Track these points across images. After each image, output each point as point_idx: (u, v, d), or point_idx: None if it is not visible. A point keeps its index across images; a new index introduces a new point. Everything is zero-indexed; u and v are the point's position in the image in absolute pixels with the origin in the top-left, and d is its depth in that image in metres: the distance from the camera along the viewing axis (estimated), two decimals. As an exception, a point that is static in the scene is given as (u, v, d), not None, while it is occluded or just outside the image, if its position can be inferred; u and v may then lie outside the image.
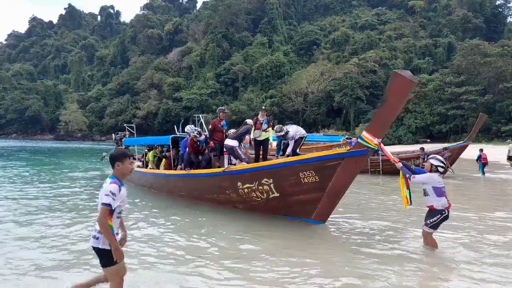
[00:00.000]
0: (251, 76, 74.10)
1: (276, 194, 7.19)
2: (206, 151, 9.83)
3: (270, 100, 64.17)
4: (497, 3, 74.45)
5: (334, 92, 59.41)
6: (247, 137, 10.08)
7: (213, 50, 78.37)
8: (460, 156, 18.86)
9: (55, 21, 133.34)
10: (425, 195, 5.61)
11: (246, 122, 9.56)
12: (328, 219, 7.09)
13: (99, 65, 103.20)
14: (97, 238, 3.45)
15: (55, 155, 33.44)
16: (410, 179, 5.54)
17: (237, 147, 8.69)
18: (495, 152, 27.76)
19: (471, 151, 20.32)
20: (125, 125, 18.47)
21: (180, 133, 10.92)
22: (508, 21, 77.42)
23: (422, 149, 18.14)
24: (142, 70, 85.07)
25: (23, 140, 74.41)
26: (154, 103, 75.73)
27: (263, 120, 9.94)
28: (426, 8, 79.34)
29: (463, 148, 18.02)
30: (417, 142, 47.45)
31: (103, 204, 3.37)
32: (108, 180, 3.50)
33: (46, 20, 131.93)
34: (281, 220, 7.40)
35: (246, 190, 7.64)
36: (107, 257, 3.46)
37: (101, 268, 3.57)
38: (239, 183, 7.72)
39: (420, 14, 78.99)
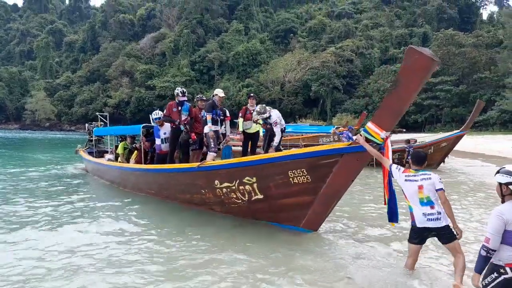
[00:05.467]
0: (227, 64, 72.52)
1: (260, 196, 6.14)
2: (186, 128, 8.30)
3: (247, 89, 62.89)
4: (470, -6, 75.51)
5: (311, 81, 58.95)
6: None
7: (188, 36, 76.15)
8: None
9: (20, 4, 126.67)
10: None
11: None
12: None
13: (68, 51, 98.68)
14: (440, 219, 3.91)
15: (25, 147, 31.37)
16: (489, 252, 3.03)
17: (208, 133, 7.61)
18: (470, 142, 27.97)
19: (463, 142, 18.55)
20: (97, 113, 17.32)
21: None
22: (480, 12, 78.70)
23: (408, 141, 15.91)
24: (114, 56, 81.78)
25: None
26: (126, 91, 73.13)
27: (253, 110, 8.73)
28: (401, -3, 79.72)
29: (459, 138, 16.22)
30: (393, 132, 47.57)
31: (442, 189, 3.97)
32: (433, 174, 4.12)
33: (11, 2, 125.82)
34: (262, 225, 6.52)
35: (224, 190, 6.58)
36: (452, 231, 3.90)
37: (445, 244, 3.96)
38: (216, 182, 6.61)
39: (395, 4, 79.34)
